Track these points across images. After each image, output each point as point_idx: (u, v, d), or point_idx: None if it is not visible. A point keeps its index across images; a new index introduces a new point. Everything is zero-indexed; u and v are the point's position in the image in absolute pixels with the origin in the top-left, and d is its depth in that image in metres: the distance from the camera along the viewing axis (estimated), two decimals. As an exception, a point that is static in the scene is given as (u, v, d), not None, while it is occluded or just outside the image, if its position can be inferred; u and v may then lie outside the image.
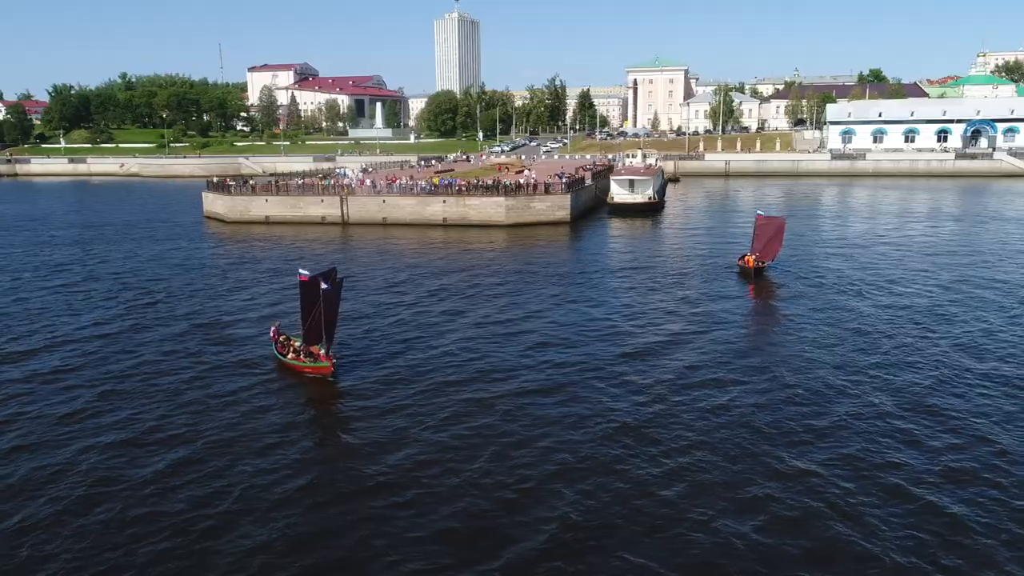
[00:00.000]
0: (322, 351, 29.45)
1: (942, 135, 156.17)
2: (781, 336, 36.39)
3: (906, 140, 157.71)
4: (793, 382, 28.80)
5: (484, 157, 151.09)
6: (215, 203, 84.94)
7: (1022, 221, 78.95)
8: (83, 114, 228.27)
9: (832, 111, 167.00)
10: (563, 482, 20.82)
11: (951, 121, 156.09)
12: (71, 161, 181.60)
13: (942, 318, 38.73)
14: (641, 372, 30.07)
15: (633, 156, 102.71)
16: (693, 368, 30.54)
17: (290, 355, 30.65)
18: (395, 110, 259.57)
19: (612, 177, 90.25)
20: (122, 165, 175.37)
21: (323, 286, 27.77)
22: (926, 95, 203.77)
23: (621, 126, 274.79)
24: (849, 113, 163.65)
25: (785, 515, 19.22)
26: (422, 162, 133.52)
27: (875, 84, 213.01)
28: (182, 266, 55.83)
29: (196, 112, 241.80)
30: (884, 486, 20.61)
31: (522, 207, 76.53)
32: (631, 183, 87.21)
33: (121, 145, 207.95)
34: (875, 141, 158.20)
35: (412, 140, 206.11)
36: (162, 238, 71.39)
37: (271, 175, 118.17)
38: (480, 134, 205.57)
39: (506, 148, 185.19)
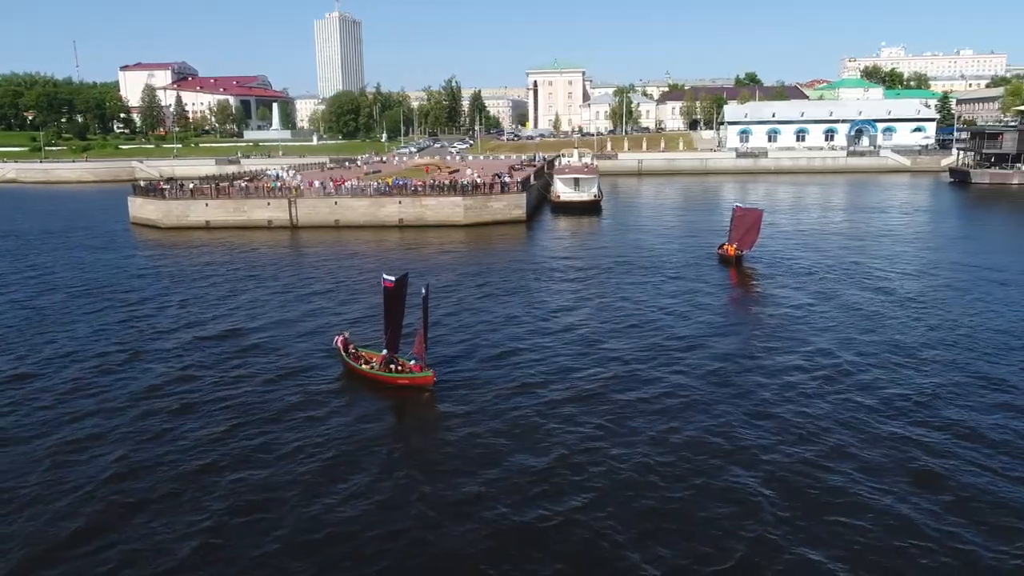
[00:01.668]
0: (412, 361, 28.17)
1: (829, 134, 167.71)
2: (771, 312, 40.00)
3: (797, 139, 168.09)
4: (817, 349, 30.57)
5: (396, 159, 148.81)
6: (145, 208, 79.34)
7: (939, 211, 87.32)
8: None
9: (730, 112, 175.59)
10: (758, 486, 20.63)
11: (837, 121, 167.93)
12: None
13: (900, 287, 44.89)
14: (717, 358, 30.86)
15: (569, 155, 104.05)
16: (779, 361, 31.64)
17: (363, 366, 29.11)
18: (287, 111, 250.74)
19: (557, 176, 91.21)
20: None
21: (422, 291, 26.59)
22: (806, 97, 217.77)
23: (514, 127, 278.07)
24: (746, 114, 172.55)
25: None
26: (347, 163, 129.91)
27: (754, 87, 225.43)
28: (144, 276, 51.63)
29: (69, 113, 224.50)
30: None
31: (480, 207, 76.08)
32: (576, 182, 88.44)
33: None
34: (770, 140, 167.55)
35: (315, 142, 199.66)
36: (98, 247, 65.89)
37: (169, 179, 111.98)
38: (384, 135, 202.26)
39: (413, 149, 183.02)
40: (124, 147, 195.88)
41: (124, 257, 60.16)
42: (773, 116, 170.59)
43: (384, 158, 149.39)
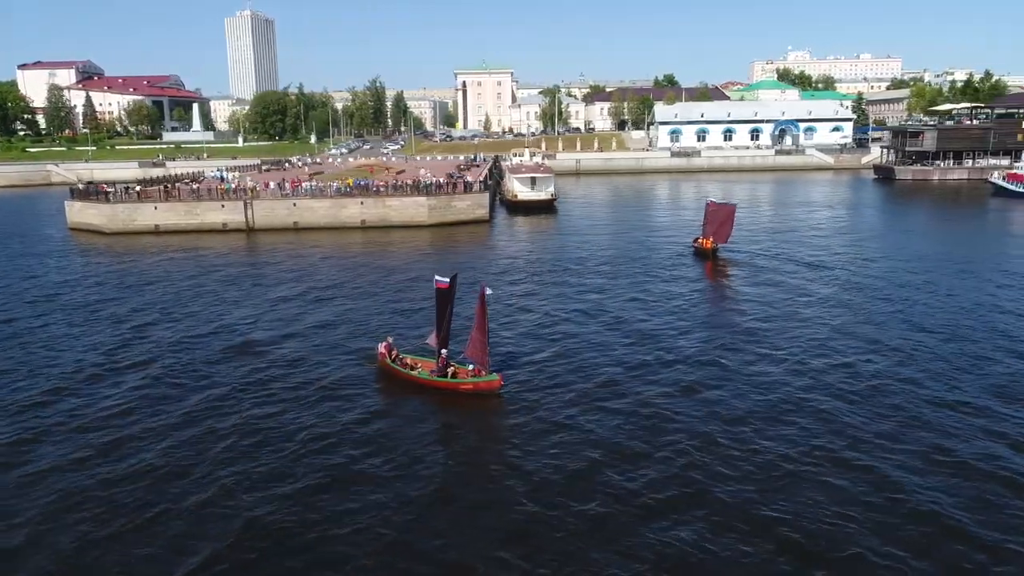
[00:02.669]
0: (470, 366, 27.26)
1: (754, 134, 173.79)
2: (744, 300, 41.75)
3: (725, 139, 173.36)
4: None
5: (330, 160, 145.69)
6: (86, 213, 74.83)
7: (876, 206, 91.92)
8: None
9: (660, 112, 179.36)
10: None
11: (761, 121, 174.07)
12: None
13: (888, 273, 47.63)
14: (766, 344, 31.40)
15: (521, 155, 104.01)
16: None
17: (410, 371, 28.07)
18: (205, 111, 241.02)
19: (514, 176, 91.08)
20: None
21: (487, 291, 25.81)
22: (728, 98, 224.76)
23: (440, 128, 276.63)
24: (676, 114, 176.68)
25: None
26: (286, 164, 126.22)
27: (679, 88, 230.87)
28: (108, 285, 48.50)
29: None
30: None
31: (444, 207, 75.26)
32: (533, 181, 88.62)
33: None
34: (699, 139, 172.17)
35: (241, 143, 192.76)
36: (43, 255, 61.71)
37: (88, 183, 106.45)
38: (314, 136, 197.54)
39: (344, 150, 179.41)
40: (32, 150, 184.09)
41: (81, 265, 56.53)
42: (702, 116, 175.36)
43: (319, 159, 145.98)
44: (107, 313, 40.54)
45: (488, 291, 25.99)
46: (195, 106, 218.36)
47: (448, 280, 27.14)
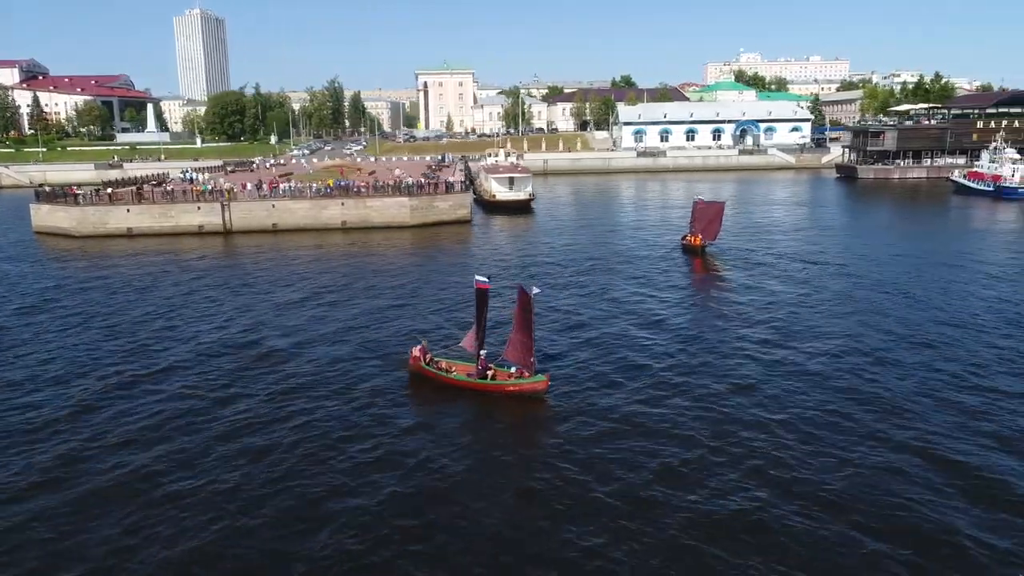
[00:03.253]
0: (511, 368, 26.79)
1: (716, 134, 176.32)
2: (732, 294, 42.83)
3: (687, 139, 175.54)
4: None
5: (294, 161, 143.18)
6: (54, 216, 72.10)
7: (844, 204, 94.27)
8: None
9: (624, 113, 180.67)
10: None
11: (723, 121, 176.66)
12: None
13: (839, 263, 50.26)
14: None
15: (495, 155, 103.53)
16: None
17: (446, 374, 27.52)
18: (158, 112, 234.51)
19: (491, 175, 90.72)
20: None
21: (535, 290, 25.38)
22: (687, 99, 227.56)
23: (401, 129, 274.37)
24: (639, 115, 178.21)
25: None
26: (255, 165, 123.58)
27: (641, 90, 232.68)
28: (93, 291, 46.70)
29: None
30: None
31: (426, 207, 74.51)
32: (511, 181, 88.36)
33: None
34: (662, 140, 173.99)
35: (199, 144, 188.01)
36: (13, 258, 59.35)
37: (41, 185, 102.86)
38: (275, 137, 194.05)
39: (306, 151, 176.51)
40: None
41: (59, 271, 54.20)
42: (665, 117, 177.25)
43: (282, 160, 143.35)
44: (103, 322, 38.89)
45: (535, 290, 25.61)
46: (149, 106, 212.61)
47: (487, 280, 26.71)
